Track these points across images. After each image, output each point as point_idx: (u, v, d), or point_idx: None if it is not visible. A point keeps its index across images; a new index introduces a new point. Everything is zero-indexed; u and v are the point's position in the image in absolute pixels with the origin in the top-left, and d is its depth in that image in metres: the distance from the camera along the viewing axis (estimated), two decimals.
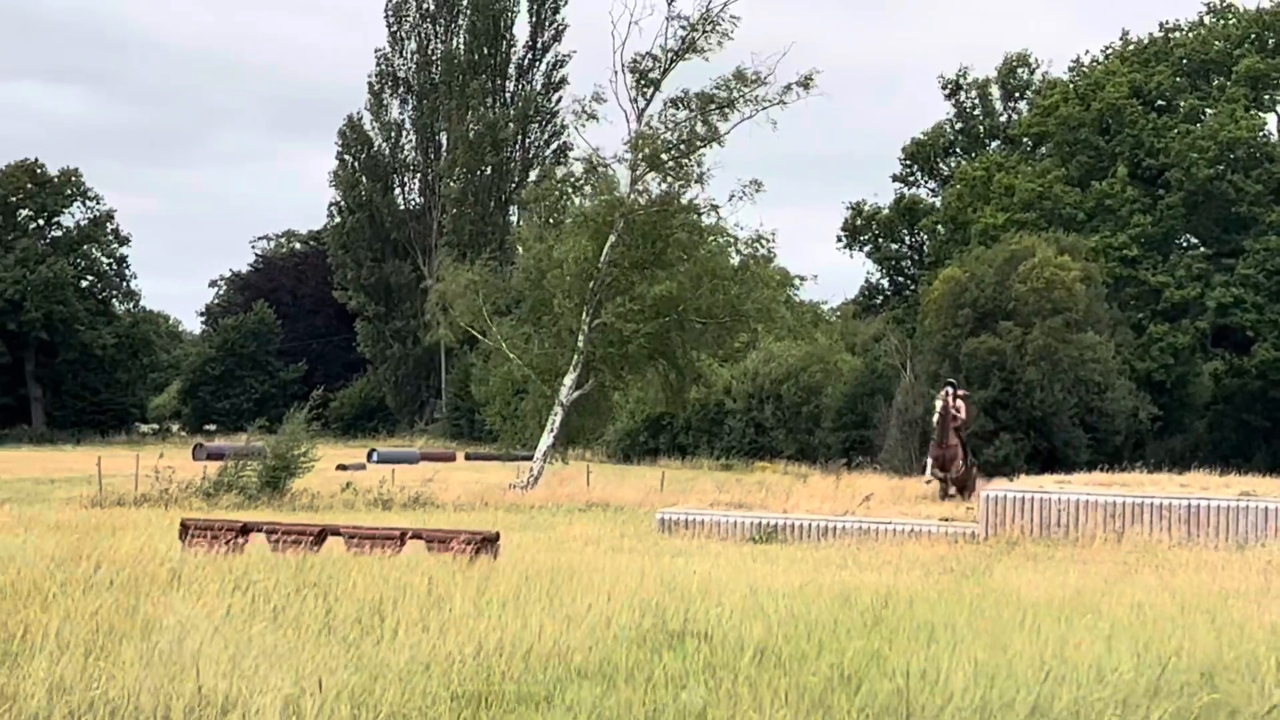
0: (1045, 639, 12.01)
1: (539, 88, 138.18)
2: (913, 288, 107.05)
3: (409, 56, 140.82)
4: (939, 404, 39.70)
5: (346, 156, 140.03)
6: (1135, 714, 9.42)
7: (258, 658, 9.78)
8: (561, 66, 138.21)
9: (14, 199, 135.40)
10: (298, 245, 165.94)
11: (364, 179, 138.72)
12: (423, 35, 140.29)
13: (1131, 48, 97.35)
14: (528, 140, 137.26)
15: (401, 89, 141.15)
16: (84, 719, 8.15)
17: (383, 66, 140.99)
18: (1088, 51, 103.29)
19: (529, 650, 10.89)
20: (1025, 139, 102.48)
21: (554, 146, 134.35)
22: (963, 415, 39.26)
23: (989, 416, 73.04)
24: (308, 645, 10.56)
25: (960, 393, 38.47)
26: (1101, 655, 11.16)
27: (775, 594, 15.49)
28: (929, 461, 40.48)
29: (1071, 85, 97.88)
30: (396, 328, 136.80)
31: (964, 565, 23.69)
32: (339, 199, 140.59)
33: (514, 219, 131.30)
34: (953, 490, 41.52)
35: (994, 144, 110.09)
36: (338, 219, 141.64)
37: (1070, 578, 20.63)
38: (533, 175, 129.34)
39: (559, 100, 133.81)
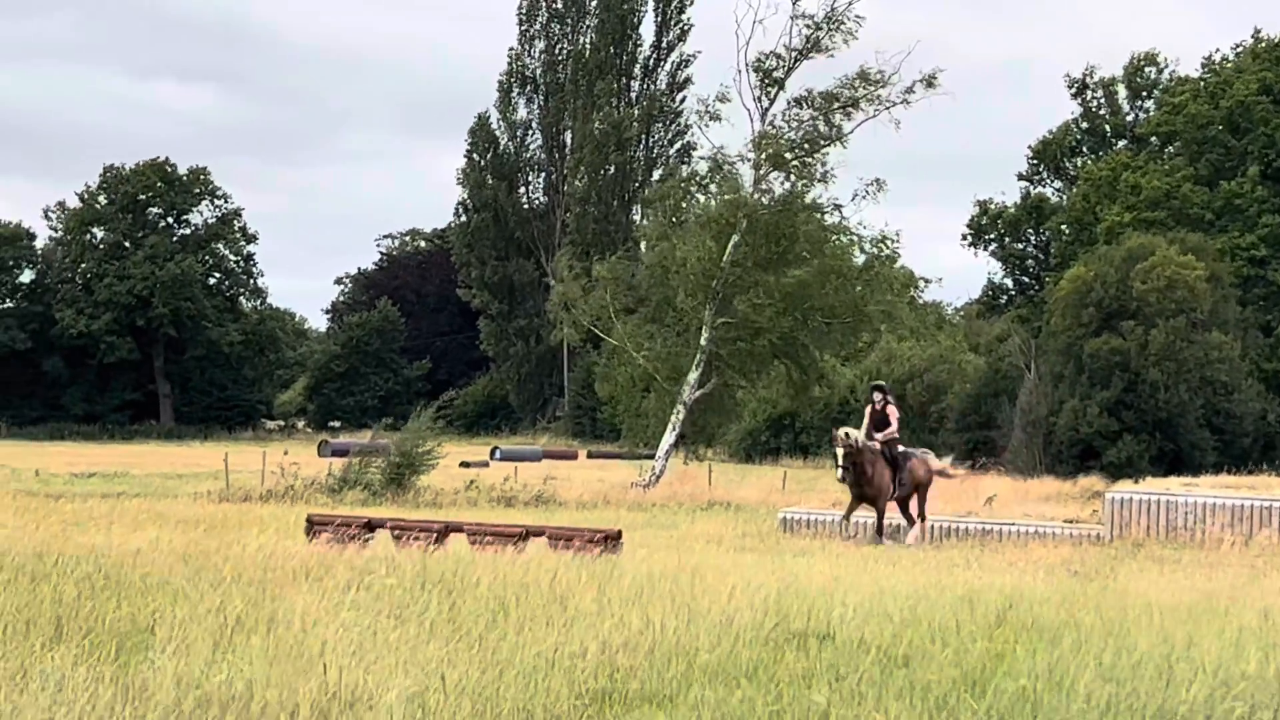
0: (1171, 642, 11.88)
1: (663, 87, 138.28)
2: (1037, 287, 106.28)
3: (537, 56, 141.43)
4: (866, 409, 32.48)
5: (475, 155, 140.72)
6: (1263, 716, 9.32)
7: (383, 653, 9.86)
8: (686, 66, 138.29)
9: (144, 197, 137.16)
10: (422, 243, 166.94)
11: (490, 178, 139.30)
12: (552, 34, 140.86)
13: (1263, 45, 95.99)
14: (651, 139, 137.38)
15: (529, 88, 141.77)
16: (212, 712, 8.24)
17: (513, 65, 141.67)
18: (1218, 50, 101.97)
19: (652, 648, 10.90)
20: (1153, 138, 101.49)
21: (677, 146, 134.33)
22: (892, 426, 31.57)
23: (1112, 417, 72.37)
24: (432, 641, 10.61)
25: (890, 397, 32.71)
26: (1228, 658, 11.03)
27: (898, 594, 15.43)
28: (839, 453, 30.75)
29: (1201, 83, 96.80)
30: (519, 326, 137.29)
31: (1088, 567, 23.48)
32: (465, 197, 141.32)
33: (637, 218, 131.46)
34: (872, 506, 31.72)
35: (1120, 143, 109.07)
36: (463, 217, 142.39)
37: (1196, 581, 20.40)
38: (656, 175, 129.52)
39: (683, 100, 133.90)
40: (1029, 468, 71.59)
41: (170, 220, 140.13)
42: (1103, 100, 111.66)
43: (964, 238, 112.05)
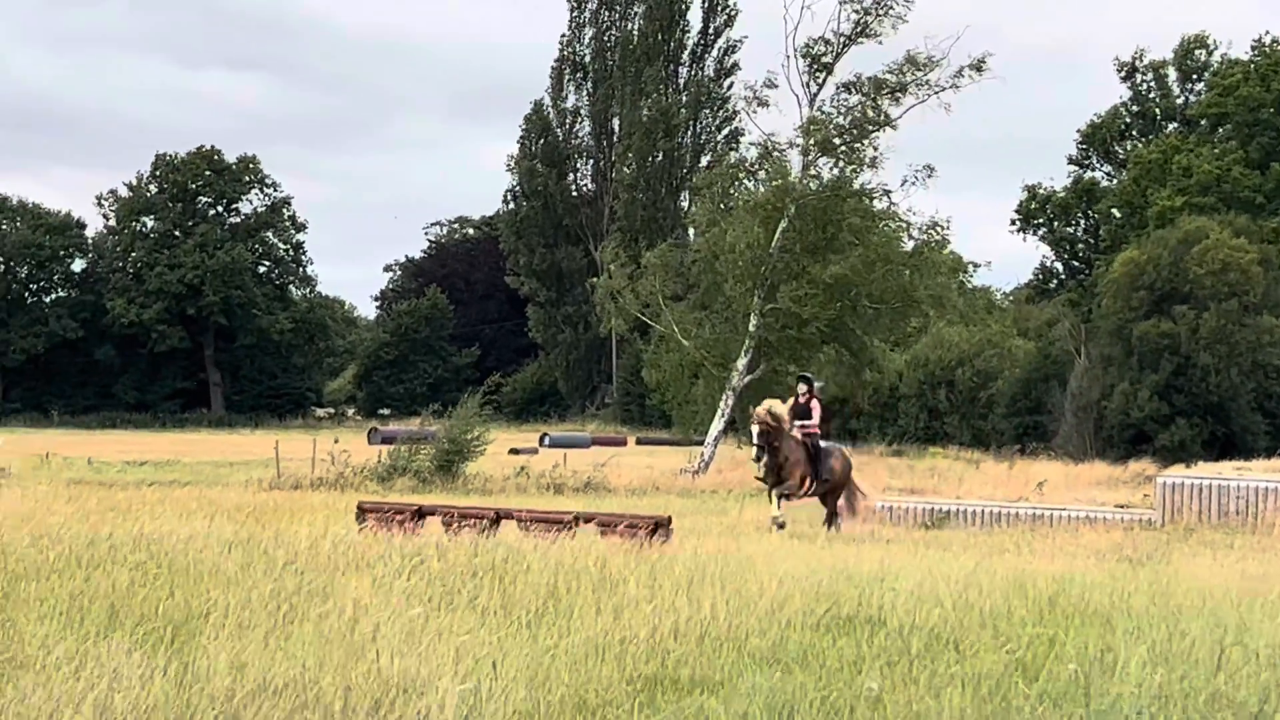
0: (1224, 627, 11.82)
1: (710, 73, 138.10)
2: (1088, 272, 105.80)
3: (587, 43, 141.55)
4: (789, 401, 29.55)
5: (527, 142, 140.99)
6: None
7: (435, 639, 9.88)
8: (733, 52, 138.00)
9: (194, 186, 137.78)
10: (470, 231, 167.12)
11: (540, 165, 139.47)
12: (601, 21, 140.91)
13: None
14: (699, 126, 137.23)
15: (579, 75, 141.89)
16: (266, 698, 8.28)
17: (564, 52, 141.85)
18: (1267, 32, 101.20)
19: (703, 634, 10.91)
20: (1203, 121, 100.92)
21: (725, 132, 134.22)
22: (814, 419, 29.24)
23: (1164, 401, 72.07)
24: (484, 627, 10.65)
25: (817, 386, 30.64)
26: None
27: (948, 580, 15.39)
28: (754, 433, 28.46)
29: (1251, 66, 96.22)
30: (568, 313, 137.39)
31: (1140, 552, 23.38)
32: (516, 185, 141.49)
33: (684, 204, 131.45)
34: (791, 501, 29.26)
35: (1171, 126, 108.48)
36: (510, 205, 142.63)
37: (1249, 566, 20.30)
38: (704, 161, 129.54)
39: (730, 86, 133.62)
40: (1079, 453, 71.36)
41: (220, 209, 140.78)
42: (1152, 83, 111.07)
43: (1013, 222, 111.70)
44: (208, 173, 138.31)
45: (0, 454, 29.95)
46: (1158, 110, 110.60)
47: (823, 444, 29.61)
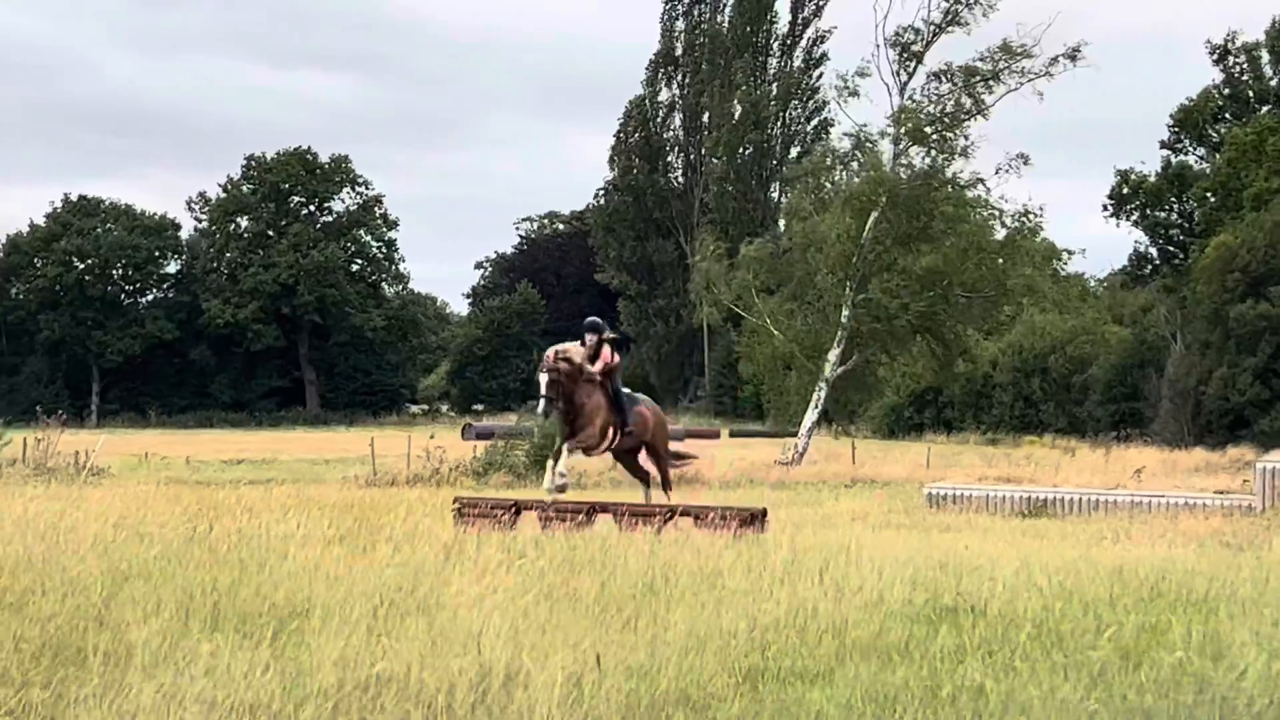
0: None
1: (799, 64, 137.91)
2: (1182, 256, 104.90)
3: (679, 36, 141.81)
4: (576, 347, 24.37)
5: (624, 135, 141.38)
6: None
7: (536, 633, 9.91)
8: (822, 43, 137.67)
9: (286, 186, 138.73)
10: (561, 226, 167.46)
11: (636, 158, 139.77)
12: (694, 14, 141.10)
13: None
14: (788, 117, 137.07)
15: (669, 68, 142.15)
16: (371, 693, 8.33)
17: (661, 45, 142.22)
18: None
19: (804, 626, 10.90)
20: None
21: (814, 123, 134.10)
22: (597, 366, 23.72)
23: (1263, 385, 71.41)
24: (584, 621, 10.68)
25: (606, 336, 24.54)
26: None
27: (1047, 569, 15.32)
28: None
29: None
30: (659, 306, 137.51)
31: (1240, 538, 23.22)
32: (611, 179, 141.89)
33: (774, 196, 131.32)
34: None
35: (1264, 108, 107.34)
36: (599, 200, 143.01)
37: None
38: (793, 153, 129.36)
39: (819, 77, 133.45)
40: (1177, 439, 70.86)
41: (313, 208, 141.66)
42: (1245, 65, 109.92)
43: (1105, 208, 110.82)
44: (300, 172, 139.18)
45: (100, 454, 29.89)
46: (1251, 92, 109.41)
47: (626, 391, 24.89)
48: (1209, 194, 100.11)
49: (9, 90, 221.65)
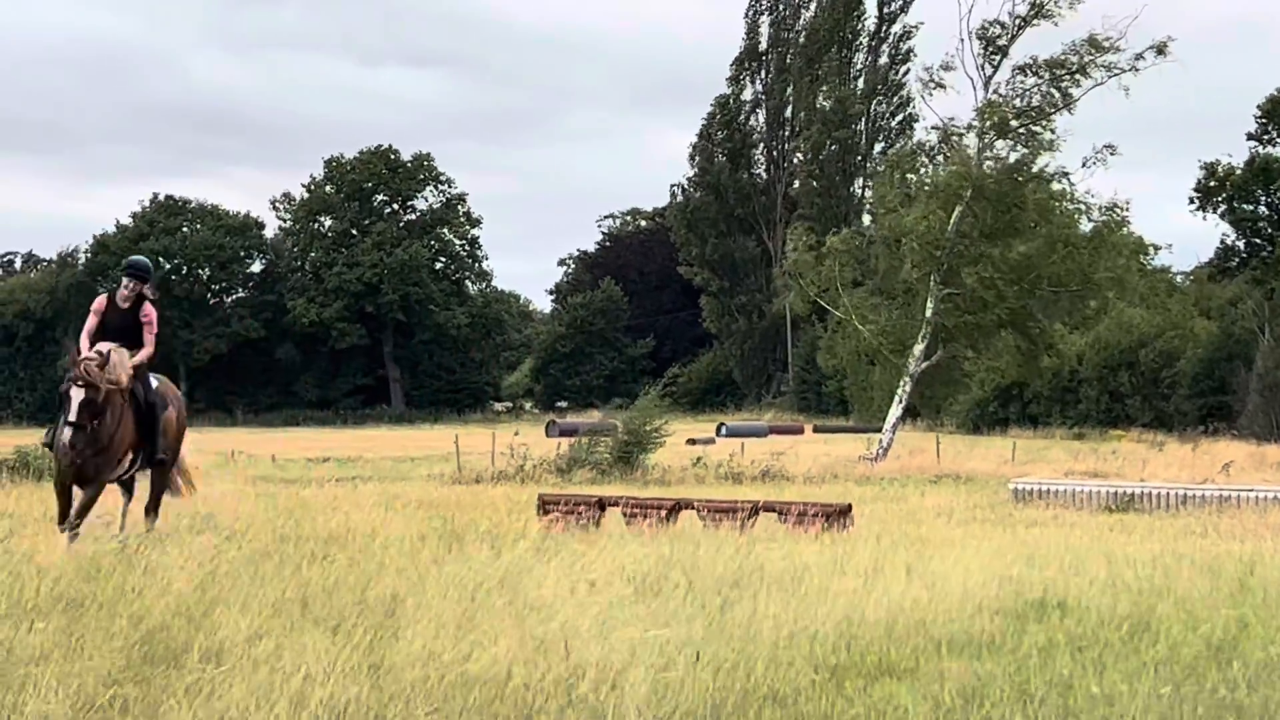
0: None
1: (885, 60, 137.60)
2: (1270, 249, 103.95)
3: (764, 33, 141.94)
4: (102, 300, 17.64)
5: (710, 132, 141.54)
6: None
7: (623, 629, 9.93)
8: (908, 38, 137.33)
9: (369, 185, 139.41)
10: (643, 223, 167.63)
11: (719, 155, 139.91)
12: (778, 11, 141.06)
13: None
14: (873, 112, 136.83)
15: (753, 65, 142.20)
16: (461, 689, 8.37)
17: (747, 42, 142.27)
18: None
19: (890, 621, 10.89)
20: None
21: (899, 119, 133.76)
22: (149, 344, 17.12)
23: None
24: (671, 617, 10.69)
25: (147, 290, 17.31)
26: None
27: (1134, 563, 15.23)
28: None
29: None
30: (741, 302, 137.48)
31: None
32: (691, 175, 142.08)
33: (858, 191, 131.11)
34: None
35: None
36: (679, 197, 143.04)
37: None
38: (878, 148, 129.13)
39: (905, 72, 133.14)
40: (1266, 432, 70.24)
41: (396, 207, 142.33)
42: None
43: (1191, 200, 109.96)
44: (383, 171, 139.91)
45: (188, 454, 30.05)
46: None
47: (152, 381, 17.83)
48: None
49: (98, 91, 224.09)
